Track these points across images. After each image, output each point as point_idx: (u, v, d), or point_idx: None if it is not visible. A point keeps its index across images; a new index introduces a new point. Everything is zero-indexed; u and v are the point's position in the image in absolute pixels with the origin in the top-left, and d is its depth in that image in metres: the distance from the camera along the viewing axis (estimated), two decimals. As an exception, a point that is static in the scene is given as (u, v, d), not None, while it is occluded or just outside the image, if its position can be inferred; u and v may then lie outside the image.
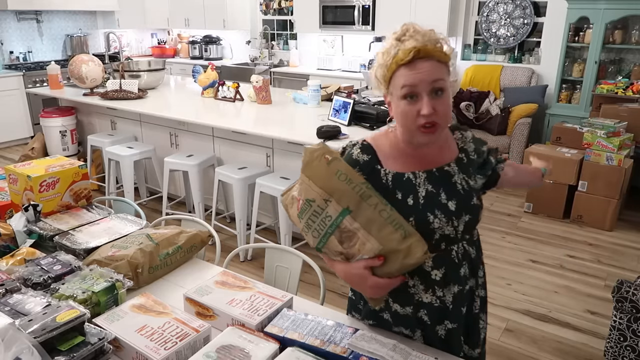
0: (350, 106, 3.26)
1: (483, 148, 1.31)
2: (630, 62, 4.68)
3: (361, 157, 1.20)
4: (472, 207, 1.21)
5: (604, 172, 3.75)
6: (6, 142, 6.07)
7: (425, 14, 5.34)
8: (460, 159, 1.25)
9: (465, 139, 1.28)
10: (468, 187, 1.22)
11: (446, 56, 1.12)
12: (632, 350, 2.18)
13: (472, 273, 1.27)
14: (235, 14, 6.96)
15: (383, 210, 1.08)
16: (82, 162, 1.94)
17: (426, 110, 1.08)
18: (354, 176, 1.10)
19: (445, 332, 1.25)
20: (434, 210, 1.16)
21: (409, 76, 1.09)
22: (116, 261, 1.46)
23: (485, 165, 1.30)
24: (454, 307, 1.23)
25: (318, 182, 1.11)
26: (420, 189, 1.18)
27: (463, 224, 1.19)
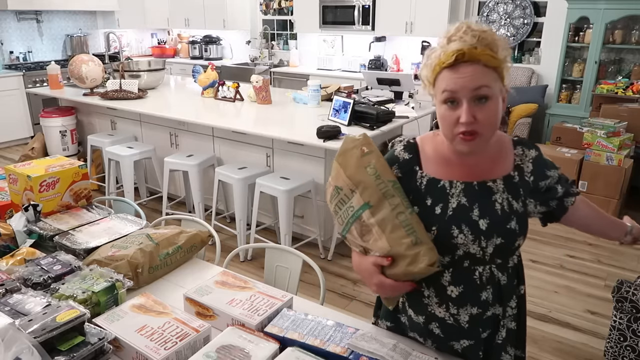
0: (350, 106, 3.26)
1: (549, 172, 1.18)
2: (630, 62, 4.68)
3: (402, 155, 1.19)
4: (506, 230, 1.10)
5: (604, 172, 3.75)
6: (6, 142, 6.07)
7: (425, 14, 5.35)
8: (511, 177, 1.14)
9: (525, 157, 1.16)
10: (509, 209, 1.12)
11: (496, 60, 1.03)
12: (632, 350, 2.18)
13: (499, 300, 1.17)
14: (235, 14, 6.97)
15: (401, 212, 1.07)
16: (82, 162, 1.94)
17: (464, 119, 1.02)
18: (385, 173, 1.10)
19: (461, 348, 1.19)
20: (461, 225, 1.11)
21: (450, 80, 1.03)
22: (116, 261, 1.46)
23: (548, 193, 1.17)
24: (470, 328, 1.16)
25: (347, 171, 1.12)
26: (452, 199, 1.13)
27: (493, 246, 1.11)
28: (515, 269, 1.20)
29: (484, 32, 1.03)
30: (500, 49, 1.04)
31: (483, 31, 1.03)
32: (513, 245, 1.13)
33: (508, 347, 1.21)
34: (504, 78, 1.06)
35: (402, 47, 5.98)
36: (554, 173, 1.19)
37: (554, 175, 1.19)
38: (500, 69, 1.04)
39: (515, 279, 1.20)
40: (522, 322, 1.26)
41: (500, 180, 1.13)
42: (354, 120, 3.28)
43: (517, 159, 1.16)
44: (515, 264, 1.20)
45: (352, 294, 2.91)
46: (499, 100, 1.06)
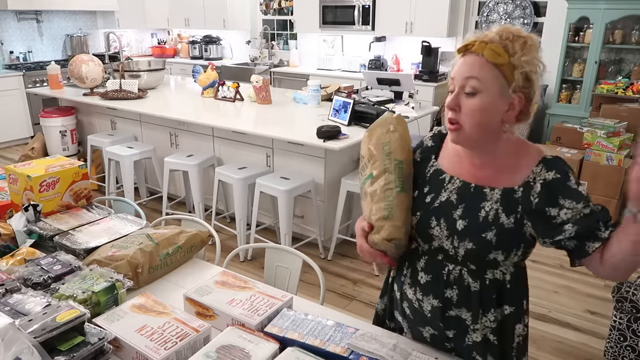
0: (350, 106, 3.26)
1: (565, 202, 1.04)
2: (630, 62, 4.68)
3: (427, 142, 1.27)
4: (480, 238, 1.09)
5: (604, 172, 3.75)
6: (6, 142, 6.07)
7: (425, 14, 5.35)
8: (512, 191, 1.09)
9: (539, 176, 1.07)
10: (493, 219, 1.08)
11: (500, 58, 1.01)
12: (632, 350, 2.18)
13: (467, 305, 1.15)
14: (235, 14, 6.96)
15: (389, 189, 1.16)
16: (82, 162, 1.94)
17: (447, 103, 1.06)
18: (396, 152, 1.18)
19: (429, 335, 1.24)
20: (440, 218, 1.14)
21: (455, 68, 1.07)
22: (116, 261, 1.46)
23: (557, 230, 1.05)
24: (432, 318, 1.19)
25: (370, 143, 1.23)
26: (444, 193, 1.16)
27: (464, 249, 1.11)
28: (497, 283, 1.14)
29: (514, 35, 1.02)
30: (520, 54, 1.01)
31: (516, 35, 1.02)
32: (487, 256, 1.10)
33: (486, 355, 1.18)
34: (512, 81, 1.02)
35: (402, 47, 5.98)
36: (572, 205, 1.04)
37: (573, 208, 1.04)
38: (507, 68, 1.01)
39: (495, 294, 1.14)
40: (508, 345, 1.19)
41: (498, 190, 1.10)
42: (354, 120, 3.28)
43: (532, 176, 1.08)
44: (499, 280, 1.14)
45: (352, 294, 2.91)
46: (494, 101, 1.03)
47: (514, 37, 1.03)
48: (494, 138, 1.09)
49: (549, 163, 1.08)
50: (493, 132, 1.08)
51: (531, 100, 1.07)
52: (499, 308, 1.16)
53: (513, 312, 1.17)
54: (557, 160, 1.09)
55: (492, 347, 1.18)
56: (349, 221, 3.45)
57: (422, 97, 4.81)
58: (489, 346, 1.18)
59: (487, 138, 1.09)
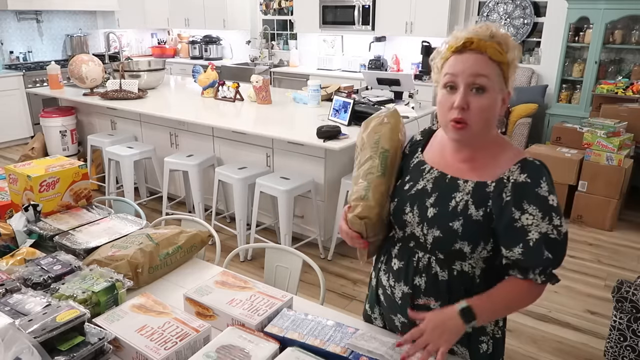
0: (350, 106, 3.26)
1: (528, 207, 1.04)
2: (630, 62, 4.68)
3: (416, 137, 1.32)
4: (447, 227, 1.11)
5: (604, 172, 3.75)
6: (6, 142, 6.07)
7: (425, 14, 5.35)
8: (484, 185, 1.10)
9: (512, 176, 1.08)
10: (462, 210, 1.10)
11: (501, 56, 1.05)
12: (632, 350, 2.18)
13: (434, 294, 1.17)
14: (235, 14, 6.97)
15: (371, 173, 1.23)
16: (82, 162, 1.94)
17: (457, 102, 1.05)
18: (384, 142, 1.25)
19: (400, 324, 1.27)
20: (414, 205, 1.18)
21: (453, 64, 1.07)
22: (116, 261, 1.46)
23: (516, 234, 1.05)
24: (402, 305, 1.22)
25: (364, 132, 1.31)
26: (421, 182, 1.20)
27: (432, 236, 1.13)
28: (466, 277, 1.14)
29: (502, 34, 1.07)
30: (511, 51, 1.07)
31: (501, 33, 1.07)
32: (452, 245, 1.11)
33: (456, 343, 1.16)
34: (507, 79, 1.08)
35: (402, 47, 5.98)
36: (535, 212, 1.04)
37: (532, 214, 1.04)
38: (505, 66, 1.06)
39: (464, 287, 1.14)
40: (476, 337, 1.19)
41: (471, 182, 1.12)
42: (354, 120, 3.28)
43: (507, 174, 1.09)
44: (468, 273, 1.14)
45: (352, 294, 2.91)
46: (497, 98, 1.07)
47: (501, 35, 1.07)
48: (488, 133, 1.13)
49: (525, 165, 1.08)
50: (491, 127, 1.12)
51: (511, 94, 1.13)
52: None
53: None
54: (536, 165, 1.08)
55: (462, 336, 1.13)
56: (349, 221, 3.45)
57: (422, 97, 4.81)
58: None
59: (485, 133, 1.12)
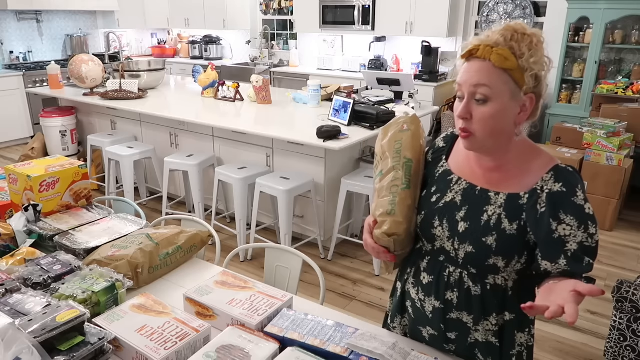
0: (350, 106, 3.26)
1: (565, 218, 1.00)
2: (630, 62, 4.68)
3: (438, 143, 1.26)
4: (480, 242, 1.07)
5: (604, 172, 3.75)
6: (6, 142, 6.07)
7: (425, 14, 5.35)
8: (517, 197, 1.06)
9: (546, 186, 1.04)
10: (495, 224, 1.06)
11: (507, 62, 0.98)
12: (632, 350, 2.18)
13: (467, 309, 1.14)
14: (235, 14, 6.97)
15: (396, 186, 1.17)
16: (82, 162, 1.94)
17: (458, 112, 1.04)
18: (406, 151, 1.21)
19: (428, 335, 1.24)
20: (443, 219, 1.13)
21: (461, 74, 1.05)
22: (116, 261, 1.46)
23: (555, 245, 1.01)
24: (433, 319, 1.19)
25: (384, 140, 1.27)
26: (450, 193, 1.15)
27: (464, 251, 1.10)
28: (499, 289, 1.11)
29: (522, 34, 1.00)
30: (528, 55, 0.99)
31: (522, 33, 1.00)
32: (486, 261, 1.08)
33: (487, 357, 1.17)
34: (523, 84, 1.00)
35: (402, 47, 5.98)
36: (572, 222, 1.00)
37: (572, 225, 1.00)
38: (517, 72, 0.99)
39: (497, 300, 1.12)
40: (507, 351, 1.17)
41: (503, 195, 1.08)
42: (354, 120, 3.28)
43: (540, 184, 1.04)
44: (502, 286, 1.11)
45: (352, 294, 2.91)
46: (506, 106, 1.01)
47: (519, 37, 1.00)
48: (506, 142, 1.08)
49: (559, 173, 1.04)
50: (506, 136, 1.06)
51: (541, 97, 1.05)
52: (502, 314, 1.14)
53: (513, 319, 1.14)
54: (569, 172, 1.05)
55: (493, 349, 1.17)
56: (349, 221, 3.45)
57: (422, 97, 4.81)
58: (490, 348, 1.17)
59: (499, 143, 1.07)
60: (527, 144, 1.12)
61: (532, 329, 1.20)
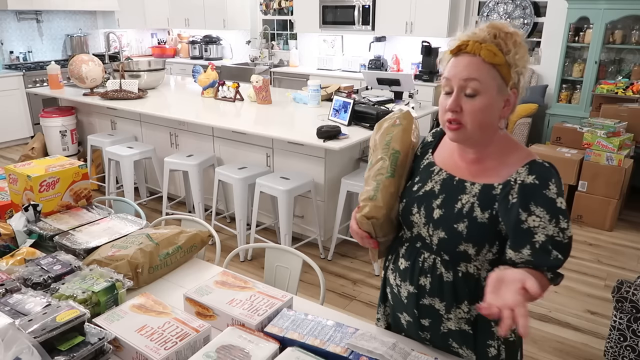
0: (350, 106, 3.26)
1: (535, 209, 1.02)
2: (630, 62, 4.68)
3: (427, 138, 1.32)
4: (452, 229, 1.11)
5: (604, 172, 3.75)
6: (6, 142, 6.07)
7: (425, 14, 5.35)
8: (491, 187, 1.10)
9: (519, 178, 1.07)
10: (468, 212, 1.10)
11: (496, 57, 1.03)
12: (632, 350, 2.18)
13: (439, 295, 1.16)
14: (235, 14, 6.97)
15: (381, 174, 1.24)
16: (82, 162, 1.94)
17: (449, 106, 1.07)
18: (395, 143, 1.26)
19: (405, 322, 1.28)
20: (421, 206, 1.19)
21: (449, 68, 1.09)
22: (116, 261, 1.46)
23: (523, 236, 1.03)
24: (408, 304, 1.24)
25: (377, 134, 1.32)
26: (430, 183, 1.20)
27: (437, 237, 1.14)
28: (471, 278, 1.13)
29: (505, 33, 1.05)
30: (513, 51, 1.04)
31: (505, 32, 1.05)
32: (457, 247, 1.11)
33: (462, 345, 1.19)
34: (509, 80, 1.06)
35: (402, 47, 5.98)
36: (542, 214, 1.02)
37: (542, 217, 1.02)
38: (504, 68, 1.04)
39: (468, 288, 1.13)
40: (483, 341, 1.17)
41: (478, 185, 1.12)
42: (354, 120, 3.28)
43: (514, 176, 1.08)
44: (473, 275, 1.13)
45: (352, 294, 2.91)
46: (493, 100, 1.06)
47: (505, 35, 1.05)
48: (490, 135, 1.12)
49: (534, 167, 1.07)
50: (491, 129, 1.11)
51: (520, 94, 1.11)
52: (474, 304, 1.13)
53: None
54: (545, 166, 1.07)
55: (467, 338, 1.18)
56: (349, 221, 3.45)
57: (422, 97, 4.81)
58: (464, 336, 1.18)
59: (485, 135, 1.11)
60: (507, 138, 1.16)
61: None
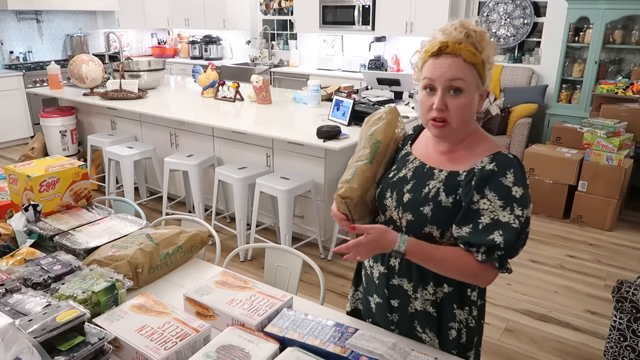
0: (350, 106, 3.26)
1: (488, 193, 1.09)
2: (630, 62, 4.68)
3: (410, 131, 1.40)
4: (418, 211, 1.17)
5: (604, 172, 3.75)
6: (6, 142, 6.07)
7: (425, 14, 5.35)
8: (456, 174, 1.16)
9: (482, 164, 1.13)
10: (433, 196, 1.16)
11: (476, 57, 1.11)
12: (632, 350, 2.18)
13: (407, 276, 1.23)
14: (235, 14, 6.97)
15: (361, 161, 1.31)
16: (82, 162, 1.94)
17: (436, 105, 1.13)
18: (378, 134, 1.33)
19: (375, 306, 1.33)
20: (394, 191, 1.25)
21: (431, 68, 1.14)
22: (116, 261, 1.46)
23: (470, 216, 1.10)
24: (379, 285, 1.29)
25: (365, 127, 1.40)
26: (404, 170, 1.27)
27: (405, 220, 1.21)
28: None
29: (475, 32, 1.11)
30: (486, 50, 1.12)
31: (474, 30, 1.12)
32: (422, 229, 1.18)
33: (425, 327, 1.25)
34: (484, 78, 1.14)
35: (402, 47, 5.98)
36: (493, 199, 1.08)
37: (492, 201, 1.08)
38: (480, 67, 1.12)
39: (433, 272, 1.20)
40: (445, 323, 1.24)
41: (445, 172, 1.19)
42: (354, 120, 3.28)
43: (478, 165, 1.14)
44: None
45: (352, 294, 2.91)
46: (474, 97, 1.14)
47: (476, 34, 1.11)
48: (467, 128, 1.19)
49: (497, 157, 1.13)
50: (469, 124, 1.18)
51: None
52: (440, 286, 1.22)
53: (452, 292, 1.22)
54: (508, 157, 1.13)
55: (431, 320, 1.25)
56: (349, 221, 3.45)
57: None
58: (428, 318, 1.25)
59: (464, 130, 1.18)
60: (478, 130, 1.23)
61: (473, 310, 1.25)
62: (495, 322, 2.64)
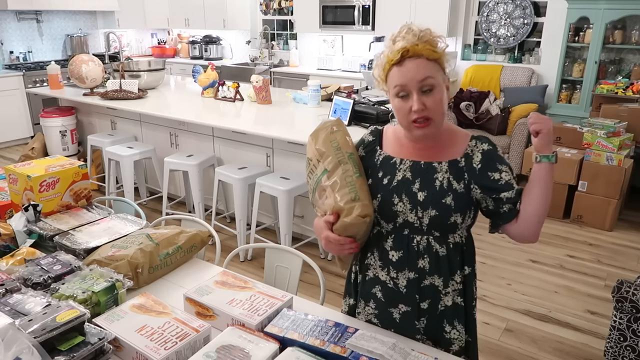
0: (350, 106, 3.26)
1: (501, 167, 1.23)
2: (630, 62, 4.68)
3: (367, 138, 1.38)
4: (441, 204, 1.22)
5: (604, 172, 3.75)
6: (6, 142, 6.07)
7: (425, 14, 5.35)
8: (457, 161, 1.25)
9: (476, 148, 1.25)
10: (448, 186, 1.23)
11: (436, 53, 1.17)
12: (632, 350, 2.18)
13: (437, 271, 1.26)
14: (235, 14, 6.97)
15: (349, 176, 1.25)
16: (82, 162, 1.94)
17: (416, 107, 1.16)
18: (345, 146, 1.30)
19: (399, 314, 1.31)
20: (402, 194, 1.25)
21: (399, 76, 1.18)
22: (116, 261, 1.46)
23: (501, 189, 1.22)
24: (408, 293, 1.28)
25: (317, 144, 1.33)
26: (399, 173, 1.27)
27: (428, 217, 1.23)
28: (458, 247, 1.28)
29: (422, 31, 1.18)
30: (439, 44, 1.19)
31: (421, 30, 1.18)
32: (448, 220, 1.22)
33: (454, 321, 1.30)
34: (445, 69, 1.21)
35: (402, 47, 5.97)
36: (507, 170, 1.24)
37: (506, 171, 1.24)
38: (441, 61, 1.19)
39: (459, 256, 1.28)
40: (469, 304, 1.33)
41: (445, 163, 1.25)
42: (354, 120, 3.28)
43: (469, 149, 1.25)
44: (460, 243, 1.28)
45: (352, 294, 2.91)
46: (444, 89, 1.20)
47: (425, 33, 1.18)
48: (443, 120, 1.24)
49: (479, 138, 1.27)
50: (444, 115, 1.23)
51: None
52: (462, 270, 1.29)
53: (471, 271, 1.32)
54: (484, 137, 1.28)
55: (459, 310, 1.30)
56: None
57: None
58: (457, 309, 1.30)
59: (443, 121, 1.24)
60: (449, 124, 1.30)
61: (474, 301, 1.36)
62: (495, 322, 2.64)
